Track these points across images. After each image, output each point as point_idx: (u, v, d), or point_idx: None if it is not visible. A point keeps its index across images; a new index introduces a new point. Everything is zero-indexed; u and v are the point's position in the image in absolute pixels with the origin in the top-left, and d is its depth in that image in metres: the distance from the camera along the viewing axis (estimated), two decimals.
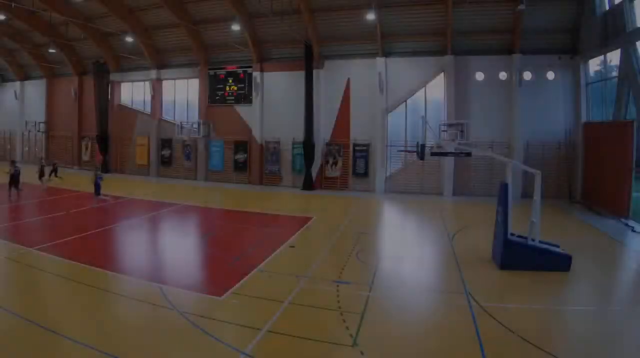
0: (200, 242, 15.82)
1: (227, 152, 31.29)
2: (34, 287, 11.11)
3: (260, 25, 28.69)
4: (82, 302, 10.17)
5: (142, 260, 13.77)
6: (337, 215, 20.81)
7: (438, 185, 25.84)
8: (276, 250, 14.29)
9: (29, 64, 40.99)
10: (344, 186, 27.82)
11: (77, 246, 14.32)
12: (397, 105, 26.63)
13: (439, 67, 25.41)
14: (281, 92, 29.39)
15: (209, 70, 31.71)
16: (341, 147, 27.79)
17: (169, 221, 19.60)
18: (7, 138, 44.04)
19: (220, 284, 11.24)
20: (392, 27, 25.81)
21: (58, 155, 38.74)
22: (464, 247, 14.89)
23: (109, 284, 11.24)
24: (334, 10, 26.34)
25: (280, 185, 29.58)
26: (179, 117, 33.15)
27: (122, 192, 25.31)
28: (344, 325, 8.98)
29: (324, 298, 10.32)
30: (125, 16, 31.03)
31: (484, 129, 24.26)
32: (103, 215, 19.42)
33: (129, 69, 35.62)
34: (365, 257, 13.72)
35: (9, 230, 16.66)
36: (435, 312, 9.97)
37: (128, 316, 9.64)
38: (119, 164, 36.03)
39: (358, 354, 7.87)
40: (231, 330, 8.88)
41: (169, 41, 32.28)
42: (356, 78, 27.33)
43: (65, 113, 39.25)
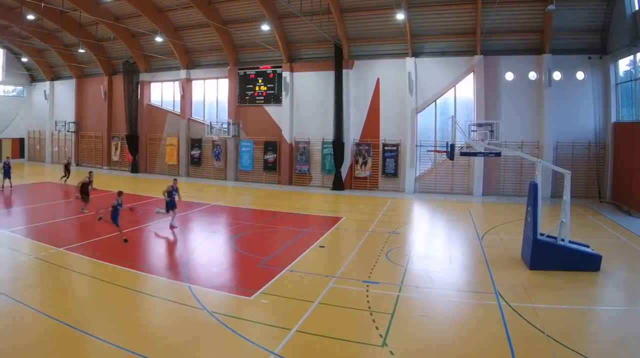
0: (230, 242, 17.32)
1: (256, 152, 34.98)
2: (64, 287, 12.52)
3: (290, 25, 32.17)
4: (112, 302, 11.41)
5: (171, 261, 15.44)
6: (367, 215, 22.93)
7: (468, 185, 28.68)
8: (306, 250, 15.98)
9: (59, 64, 45.89)
10: (373, 186, 31.00)
11: (107, 246, 15.98)
12: (426, 105, 29.72)
13: (468, 67, 28.25)
14: (311, 92, 32.89)
15: (238, 70, 35.44)
16: (371, 147, 30.99)
17: (198, 221, 21.90)
18: (37, 138, 48.14)
19: (250, 284, 12.62)
20: (422, 27, 28.86)
21: (88, 155, 42.64)
22: (493, 247, 16.55)
23: (138, 284, 12.63)
24: (364, 10, 29.52)
25: (310, 185, 33.04)
26: (209, 117, 37.15)
27: (151, 193, 28.51)
28: (374, 325, 9.98)
29: (353, 299, 11.51)
30: (155, 16, 34.94)
31: (513, 129, 27.08)
32: (131, 216, 21.24)
33: (159, 68, 39.84)
34: (395, 257, 15.30)
35: (39, 230, 18.53)
36: (465, 312, 11.09)
37: (158, 316, 10.81)
38: (148, 164, 39.91)
39: (388, 354, 8.73)
40: (261, 330, 9.90)
41: (199, 41, 36.12)
42: (386, 78, 30.53)
43: (94, 113, 44.01)
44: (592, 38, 26.33)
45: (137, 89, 40.35)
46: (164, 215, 19.57)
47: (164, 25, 35.29)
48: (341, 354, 8.86)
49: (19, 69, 48.85)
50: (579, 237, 14.79)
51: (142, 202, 24.99)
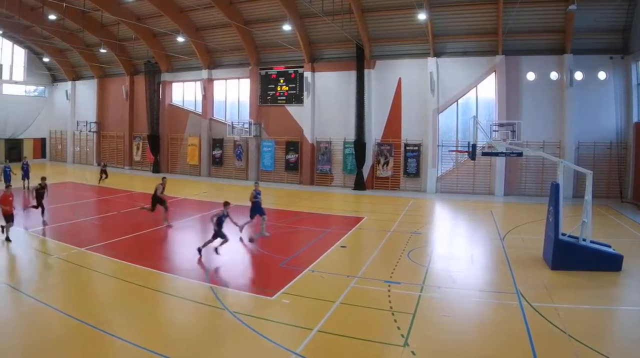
0: (251, 242, 17.98)
1: (278, 152, 36.87)
2: (85, 286, 13.17)
3: (312, 25, 33.93)
4: (134, 301, 11.98)
5: (192, 260, 15.87)
6: (389, 215, 24.04)
7: (489, 185, 30.16)
8: (328, 250, 16.78)
9: (80, 64, 48.57)
10: (395, 186, 32.60)
11: (128, 246, 16.80)
12: (448, 105, 31.30)
13: (490, 67, 29.72)
14: (332, 92, 34.68)
15: (260, 70, 37.39)
16: (392, 147, 32.66)
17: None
18: (59, 138, 50.42)
19: (271, 284, 13.25)
20: (443, 27, 30.38)
21: (109, 156, 44.91)
22: (515, 247, 17.30)
23: (160, 284, 13.23)
24: (385, 10, 31.11)
25: (331, 185, 34.82)
26: (230, 117, 39.17)
27: (173, 193, 30.16)
28: (395, 325, 10.42)
29: (375, 299, 12.00)
30: (177, 16, 36.91)
31: (535, 129, 28.50)
32: (154, 216, 22.00)
33: (180, 68, 42.05)
34: (417, 257, 15.97)
35: (60, 230, 19.41)
36: (487, 311, 11.60)
37: (179, 316, 11.35)
38: (169, 164, 42.09)
39: (409, 354, 9.11)
40: (282, 330, 10.35)
41: (220, 41, 38.15)
42: (407, 78, 32.16)
43: (116, 113, 46.53)
44: (613, 38, 27.55)
45: (159, 88, 42.59)
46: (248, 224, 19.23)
47: (186, 25, 37.20)
48: (363, 354, 9.31)
49: (41, 69, 51.55)
50: (600, 237, 15.47)
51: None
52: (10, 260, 15.53)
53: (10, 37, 47.35)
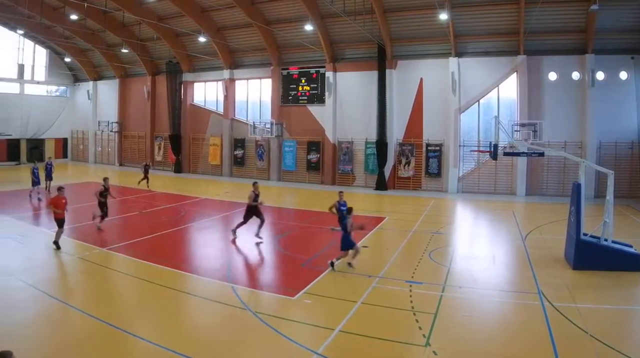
0: (273, 242, 18.79)
1: (300, 152, 38.84)
2: (107, 286, 13.78)
3: (333, 25, 35.73)
4: (155, 302, 12.53)
5: (214, 260, 16.65)
6: (410, 215, 25.05)
7: (511, 185, 31.67)
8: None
9: (102, 64, 51.22)
10: (416, 186, 34.30)
11: (150, 246, 17.48)
12: (469, 105, 32.92)
13: (511, 67, 31.24)
14: (354, 92, 36.46)
15: (281, 70, 39.41)
16: (414, 147, 34.37)
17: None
18: (80, 138, 52.81)
19: (293, 284, 13.76)
20: (465, 27, 31.97)
21: (131, 156, 47.56)
22: (536, 247, 18.01)
23: (182, 284, 13.81)
24: (407, 10, 32.80)
25: (353, 185, 36.56)
26: (252, 117, 41.21)
27: (195, 193, 32.22)
28: (417, 325, 10.87)
29: (396, 299, 12.51)
30: (198, 16, 38.93)
31: (556, 129, 29.95)
32: (176, 216, 23.34)
33: (202, 68, 44.40)
34: (438, 257, 16.65)
35: (83, 230, 20.09)
36: (508, 312, 12.06)
37: (201, 316, 11.86)
38: (191, 164, 44.41)
39: (431, 354, 9.48)
40: (304, 330, 10.77)
41: (242, 41, 40.23)
42: (429, 78, 33.80)
43: (137, 113, 49.08)
44: (635, 38, 28.92)
45: (180, 88, 44.88)
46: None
47: (207, 25, 39.23)
48: (384, 354, 9.69)
49: (62, 69, 54.33)
50: (622, 237, 16.07)
51: (186, 202, 28.37)
52: (33, 261, 15.99)
53: (32, 37, 50.15)
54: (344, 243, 15.21)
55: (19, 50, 50.38)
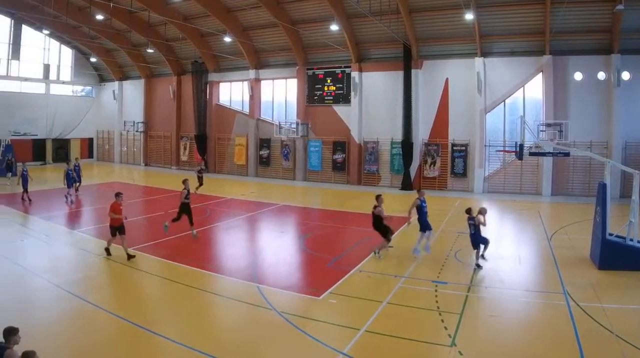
0: (299, 242, 19.74)
1: (325, 152, 41.07)
2: (133, 287, 14.52)
3: (359, 26, 37.80)
4: (181, 302, 13.21)
5: (239, 260, 17.47)
6: (436, 215, 24.97)
7: (536, 185, 33.40)
8: (375, 250, 18.21)
9: (127, 64, 54.23)
10: (442, 186, 36.23)
11: (176, 246, 18.21)
12: (495, 105, 34.76)
13: (537, 67, 32.97)
14: (379, 92, 38.61)
15: (307, 70, 41.75)
16: (439, 147, 36.33)
17: (267, 221, 25.57)
18: (106, 138, 55.58)
19: (318, 284, 14.44)
20: (491, 27, 33.79)
21: (156, 156, 50.67)
22: (562, 247, 18.76)
23: (207, 284, 14.53)
24: (433, 10, 34.68)
25: (378, 185, 38.60)
26: (278, 117, 43.57)
27: (221, 193, 34.02)
28: (443, 325, 11.40)
29: (422, 299, 13.14)
30: (224, 16, 41.28)
31: (582, 129, 31.55)
32: (201, 216, 24.06)
33: (227, 68, 47.07)
34: (464, 257, 17.38)
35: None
36: (534, 311, 12.62)
37: (226, 316, 12.53)
38: (217, 164, 47.05)
39: (456, 354, 9.89)
40: (329, 330, 11.33)
41: (267, 41, 42.57)
42: (454, 78, 35.70)
43: (163, 113, 51.99)
44: None
45: (206, 88, 47.56)
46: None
47: (233, 25, 41.57)
48: (410, 354, 10.19)
49: (88, 69, 57.49)
50: None
51: (213, 202, 30.14)
52: (58, 261, 17.04)
53: (58, 37, 53.27)
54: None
55: (45, 50, 53.43)
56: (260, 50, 43.59)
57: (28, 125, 51.07)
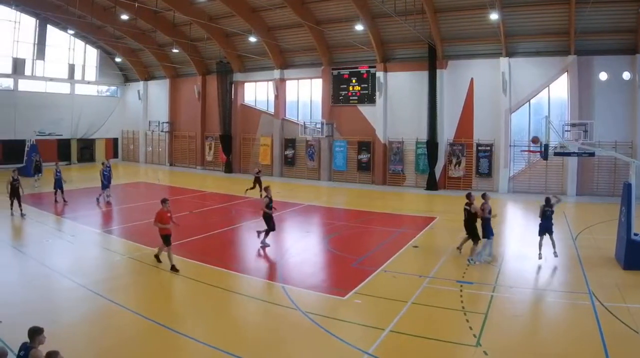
0: (323, 242, 20.40)
1: (350, 152, 43.17)
2: (158, 286, 15.08)
3: (384, 26, 39.75)
4: (206, 301, 13.72)
5: (264, 260, 18.27)
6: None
7: (561, 185, 35.10)
8: (400, 250, 19.14)
9: (152, 64, 57.03)
10: (467, 186, 38.01)
11: (200, 246, 18.89)
12: (520, 105, 36.53)
13: (562, 67, 34.63)
14: (404, 92, 40.59)
15: (332, 70, 43.91)
16: (464, 147, 38.16)
17: (292, 221, 26.66)
18: (131, 138, 58.20)
19: (343, 284, 15.04)
20: (515, 27, 35.49)
21: (181, 156, 53.42)
22: (587, 247, 19.43)
23: (232, 284, 15.10)
24: (458, 10, 36.44)
25: (403, 185, 40.64)
26: (303, 117, 45.76)
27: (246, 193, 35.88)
28: (467, 325, 11.79)
29: (447, 299, 13.61)
30: (249, 16, 43.31)
31: (607, 128, 33.11)
32: (225, 216, 25.78)
33: (252, 68, 49.53)
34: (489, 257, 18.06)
35: (133, 230, 22.04)
36: (559, 311, 13.08)
37: (251, 316, 13.02)
38: (242, 164, 49.68)
39: (481, 354, 10.26)
40: (354, 330, 11.79)
41: (292, 41, 44.75)
42: (479, 78, 37.53)
43: (188, 113, 54.63)
44: None
45: (231, 88, 49.99)
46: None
47: (258, 25, 43.61)
48: (435, 354, 10.65)
49: (113, 69, 60.43)
50: None
51: (235, 202, 31.65)
52: (83, 261, 17.78)
53: (83, 37, 56.14)
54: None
55: (70, 50, 56.38)
56: (286, 50, 45.72)
57: (53, 125, 53.51)
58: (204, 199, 32.83)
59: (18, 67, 51.42)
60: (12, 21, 49.87)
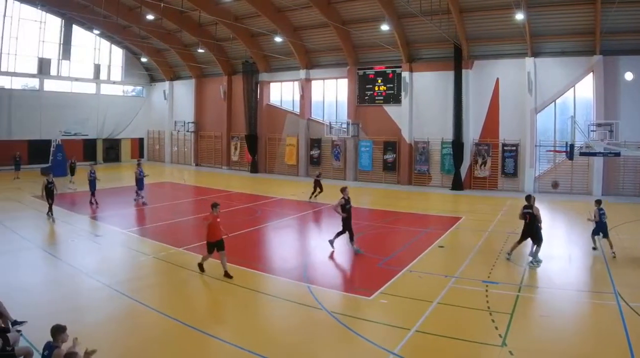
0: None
1: (376, 152, 45.11)
2: (183, 287, 15.47)
3: (409, 25, 41.53)
4: (232, 302, 14.20)
5: (290, 260, 18.61)
6: (486, 215, 28.19)
7: (587, 185, 36.56)
8: (425, 250, 19.62)
9: (178, 64, 59.62)
10: (493, 186, 39.78)
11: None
12: (546, 105, 38.11)
13: (587, 67, 36.18)
14: (430, 92, 42.39)
15: (357, 70, 45.84)
16: (490, 147, 39.80)
17: (318, 221, 27.76)
18: (156, 138, 60.60)
19: (369, 284, 15.38)
20: (541, 27, 37.04)
21: (207, 156, 55.70)
22: (613, 246, 19.14)
23: (257, 284, 15.52)
24: (483, 10, 38.01)
25: (429, 185, 42.40)
26: (328, 117, 47.81)
27: (271, 193, 37.49)
28: (493, 325, 12.09)
29: (473, 299, 13.88)
30: (274, 16, 45.32)
31: (633, 128, 34.52)
32: (251, 216, 26.34)
33: (278, 68, 51.77)
34: (515, 257, 18.29)
35: (158, 230, 22.49)
36: (584, 311, 13.51)
37: (277, 316, 13.34)
38: (267, 164, 51.86)
39: (507, 354, 10.57)
40: (380, 330, 12.11)
41: (318, 41, 46.81)
42: (505, 78, 39.16)
43: (214, 113, 57.22)
44: None
45: (257, 88, 52.30)
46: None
47: (283, 25, 45.62)
48: (460, 354, 10.89)
49: (139, 69, 63.33)
50: None
51: (262, 202, 32.92)
52: (109, 261, 18.32)
53: (108, 38, 58.96)
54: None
55: (95, 50, 59.34)
56: (311, 50, 47.76)
57: (78, 125, 55.87)
58: (230, 199, 33.80)
59: (44, 67, 54.12)
60: (37, 21, 52.68)
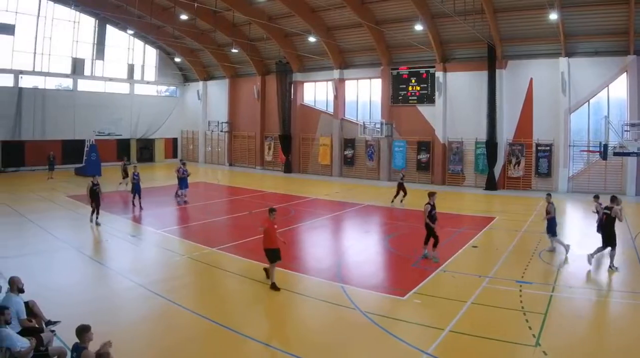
0: (383, 242, 21.55)
1: (409, 152, 47.58)
2: (217, 286, 16.13)
3: (443, 26, 43.71)
4: (265, 302, 14.77)
5: (324, 260, 19.26)
6: (520, 215, 29.19)
7: (621, 185, 38.42)
8: (459, 250, 20.38)
9: (212, 64, 62.80)
10: (526, 186, 41.89)
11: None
12: (579, 105, 40.05)
13: (621, 67, 38.10)
14: (464, 92, 44.63)
15: (391, 70, 48.33)
16: (523, 147, 41.92)
17: (351, 221, 28.99)
18: (190, 138, 63.82)
19: (403, 284, 16.02)
20: (575, 27, 38.98)
21: (241, 156, 58.97)
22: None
23: (291, 284, 16.01)
24: (517, 10, 39.96)
25: (463, 185, 44.62)
26: (362, 117, 50.32)
27: (305, 193, 39.17)
28: (527, 325, 12.53)
29: (506, 299, 14.45)
30: (308, 16, 47.78)
31: None
32: (284, 216, 26.52)
33: (312, 68, 54.50)
34: (548, 257, 19.13)
35: (192, 230, 23.70)
36: (618, 312, 13.88)
37: (311, 316, 13.88)
38: (301, 164, 54.72)
39: (540, 354, 10.94)
40: (414, 330, 12.61)
41: (352, 41, 49.27)
42: (538, 78, 41.19)
43: (247, 113, 60.25)
44: None
45: (290, 88, 55.09)
46: None
47: (317, 25, 48.03)
48: (494, 354, 11.25)
49: (172, 69, 66.84)
50: None
51: (296, 202, 34.30)
52: (143, 261, 19.30)
53: (142, 38, 62.20)
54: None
55: (129, 50, 62.69)
56: (345, 50, 50.22)
57: (112, 125, 58.91)
58: (264, 199, 35.21)
59: (77, 67, 57.41)
60: (71, 21, 55.95)
